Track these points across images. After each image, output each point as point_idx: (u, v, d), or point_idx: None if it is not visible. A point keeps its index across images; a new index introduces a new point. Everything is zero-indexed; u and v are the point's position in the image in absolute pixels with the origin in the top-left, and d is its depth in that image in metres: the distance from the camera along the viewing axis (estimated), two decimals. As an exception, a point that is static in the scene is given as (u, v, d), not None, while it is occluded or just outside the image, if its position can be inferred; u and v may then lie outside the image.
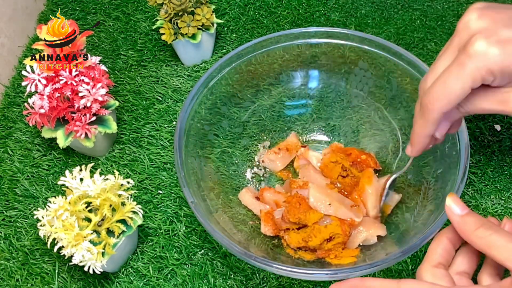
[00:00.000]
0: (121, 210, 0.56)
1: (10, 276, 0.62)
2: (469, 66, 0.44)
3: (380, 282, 0.44)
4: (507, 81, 0.45)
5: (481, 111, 0.47)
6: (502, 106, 0.45)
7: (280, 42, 0.67)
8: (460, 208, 0.44)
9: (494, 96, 0.46)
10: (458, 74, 0.44)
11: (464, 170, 0.53)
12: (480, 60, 0.43)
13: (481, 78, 0.44)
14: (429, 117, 0.47)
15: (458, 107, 0.48)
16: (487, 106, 0.46)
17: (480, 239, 0.42)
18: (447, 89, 0.45)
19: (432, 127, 0.48)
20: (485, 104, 0.46)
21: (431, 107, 0.46)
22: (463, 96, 0.45)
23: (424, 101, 0.47)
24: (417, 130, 0.50)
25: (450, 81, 0.45)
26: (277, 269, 0.49)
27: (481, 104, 0.46)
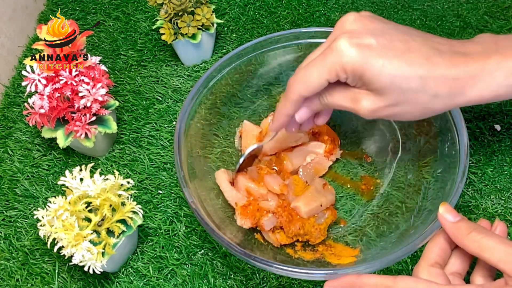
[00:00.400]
0: (121, 210, 0.56)
1: (10, 276, 0.62)
2: (328, 60, 0.48)
3: (376, 278, 0.45)
4: (360, 83, 0.48)
5: (337, 106, 0.51)
6: (352, 104, 0.50)
7: (280, 42, 0.67)
8: (453, 216, 0.46)
9: (348, 94, 0.50)
10: (318, 65, 0.49)
11: (464, 170, 0.53)
12: (337, 56, 0.47)
13: (335, 73, 0.48)
14: (288, 97, 0.52)
15: (320, 97, 0.52)
16: (341, 101, 0.51)
17: (472, 243, 0.43)
18: (307, 76, 0.50)
19: (290, 107, 0.53)
20: (340, 100, 0.51)
21: (291, 88, 0.51)
22: (319, 85, 0.49)
23: (288, 82, 0.52)
24: (278, 107, 0.55)
25: (311, 69, 0.49)
26: (277, 269, 0.49)
27: (337, 99, 0.51)
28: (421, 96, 0.47)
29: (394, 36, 0.48)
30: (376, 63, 0.46)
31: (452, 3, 0.86)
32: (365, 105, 0.49)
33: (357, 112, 0.50)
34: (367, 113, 0.49)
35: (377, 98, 0.48)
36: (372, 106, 0.48)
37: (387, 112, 0.49)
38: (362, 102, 0.49)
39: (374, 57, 0.46)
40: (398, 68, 0.46)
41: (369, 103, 0.49)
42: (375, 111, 0.49)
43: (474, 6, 0.85)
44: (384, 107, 0.48)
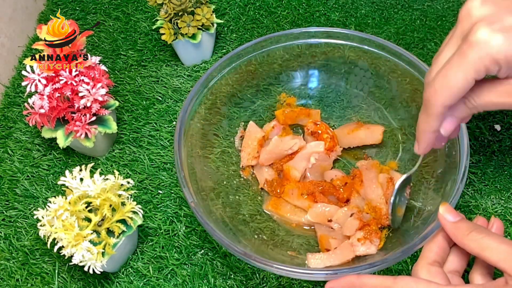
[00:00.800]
0: (121, 210, 0.56)
1: (10, 276, 0.62)
2: (471, 56, 0.41)
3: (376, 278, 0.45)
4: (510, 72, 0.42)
5: (490, 105, 0.44)
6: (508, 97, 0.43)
7: (280, 42, 0.67)
8: (453, 216, 0.46)
9: (502, 87, 0.43)
10: (459, 65, 0.42)
11: (464, 170, 0.53)
12: (482, 49, 0.41)
13: (484, 69, 0.41)
14: (430, 112, 0.45)
15: (465, 101, 0.45)
16: (495, 98, 0.43)
17: (473, 242, 0.43)
18: (449, 82, 0.43)
19: (434, 122, 0.46)
20: (493, 97, 0.43)
21: (432, 101, 0.44)
22: (465, 88, 0.43)
23: (425, 95, 0.45)
24: (420, 126, 0.48)
25: (451, 72, 0.42)
26: (277, 269, 0.49)
27: (488, 97, 0.44)
28: None
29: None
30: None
31: (452, 3, 0.86)
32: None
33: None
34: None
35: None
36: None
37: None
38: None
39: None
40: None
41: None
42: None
43: (474, 6, 0.85)
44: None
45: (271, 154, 0.65)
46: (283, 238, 0.61)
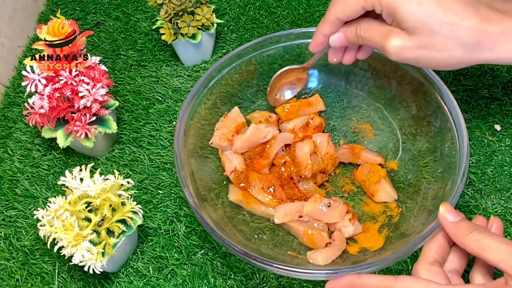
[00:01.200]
0: (121, 210, 0.56)
1: (10, 276, 0.62)
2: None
3: (376, 278, 0.45)
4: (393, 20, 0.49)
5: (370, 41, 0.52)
6: (382, 40, 0.50)
7: (280, 42, 0.67)
8: (453, 216, 0.46)
9: (381, 30, 0.51)
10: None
11: (464, 169, 0.53)
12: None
13: (371, 2, 0.50)
14: (326, 17, 0.55)
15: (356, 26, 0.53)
16: (373, 37, 0.52)
17: (473, 243, 0.43)
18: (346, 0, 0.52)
19: (326, 26, 0.55)
20: (373, 35, 0.52)
21: (330, 9, 0.54)
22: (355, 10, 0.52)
23: (330, 3, 0.54)
24: (317, 27, 0.57)
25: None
26: (277, 269, 0.49)
27: (371, 33, 0.52)
28: (450, 43, 0.48)
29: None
30: (412, 2, 0.47)
31: (452, 3, 0.86)
32: (394, 43, 0.49)
33: (384, 49, 0.50)
34: (394, 51, 0.49)
35: (407, 37, 0.48)
36: (400, 44, 0.49)
37: (414, 54, 0.49)
38: (391, 40, 0.49)
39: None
40: (433, 10, 0.47)
41: (398, 41, 0.49)
42: (402, 50, 0.49)
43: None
44: (412, 48, 0.48)
45: (247, 142, 0.64)
46: (283, 238, 0.61)
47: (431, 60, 0.49)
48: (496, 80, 0.74)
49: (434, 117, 0.60)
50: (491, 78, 0.74)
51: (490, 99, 0.72)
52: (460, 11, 0.47)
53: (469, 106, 0.72)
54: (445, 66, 0.50)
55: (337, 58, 0.60)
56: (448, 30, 0.47)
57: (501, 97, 0.72)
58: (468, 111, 0.71)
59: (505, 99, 0.71)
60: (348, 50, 0.60)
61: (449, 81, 0.74)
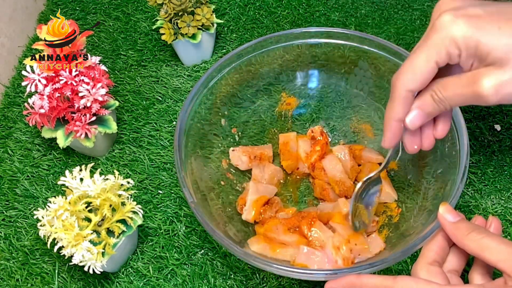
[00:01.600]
0: (121, 210, 0.56)
1: (10, 276, 0.62)
2: (433, 38, 0.43)
3: (376, 278, 0.45)
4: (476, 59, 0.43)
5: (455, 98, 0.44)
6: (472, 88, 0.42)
7: (280, 42, 0.67)
8: (453, 216, 0.46)
9: (464, 78, 0.43)
10: (422, 48, 0.44)
11: (464, 170, 0.53)
12: (444, 31, 0.42)
13: (445, 51, 0.42)
14: (394, 95, 0.46)
15: (431, 93, 0.45)
16: (458, 90, 0.44)
17: (472, 243, 0.43)
18: (412, 64, 0.44)
19: (399, 107, 0.46)
20: (457, 88, 0.44)
21: (396, 83, 0.45)
22: (428, 71, 0.44)
23: (392, 80, 0.46)
24: (386, 114, 0.48)
25: (414, 55, 0.44)
26: (277, 269, 0.49)
27: (453, 88, 0.44)
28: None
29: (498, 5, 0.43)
30: (492, 29, 0.41)
31: (452, 3, 0.86)
32: (487, 84, 0.41)
33: (481, 96, 0.42)
34: (492, 92, 0.41)
35: (499, 71, 0.41)
36: (495, 81, 0.41)
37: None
38: (483, 81, 0.41)
39: (487, 23, 0.41)
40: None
41: (492, 79, 0.41)
42: (500, 87, 0.41)
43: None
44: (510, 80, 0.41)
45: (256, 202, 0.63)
46: (283, 238, 0.61)
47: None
48: (496, 80, 0.74)
49: (434, 117, 0.60)
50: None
51: (490, 99, 0.72)
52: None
53: (469, 106, 0.72)
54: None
55: (417, 144, 0.50)
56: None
57: (501, 97, 0.72)
58: (468, 111, 0.71)
59: (505, 99, 0.71)
60: (424, 131, 0.50)
61: (449, 81, 0.74)
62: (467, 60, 0.43)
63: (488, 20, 0.41)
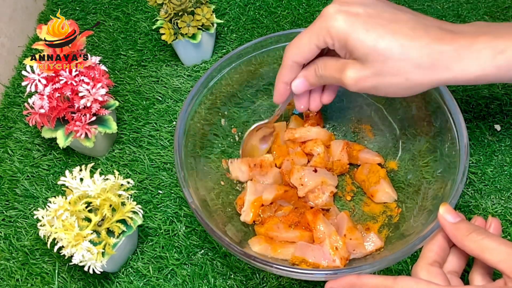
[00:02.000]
0: (121, 210, 0.56)
1: (10, 276, 0.62)
2: (317, 25, 0.50)
3: (376, 279, 0.45)
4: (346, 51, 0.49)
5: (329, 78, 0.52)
6: (339, 74, 0.50)
7: (280, 42, 0.67)
8: (453, 217, 0.46)
9: (337, 65, 0.51)
10: (308, 30, 0.51)
11: (464, 170, 0.53)
12: (325, 22, 0.49)
13: (322, 38, 0.49)
14: (283, 63, 0.54)
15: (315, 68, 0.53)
16: (332, 73, 0.51)
17: (472, 244, 0.43)
18: (298, 42, 0.52)
19: (285, 73, 0.55)
20: (331, 71, 0.51)
21: (285, 54, 0.54)
22: (309, 50, 0.51)
23: (285, 49, 0.54)
24: (277, 77, 0.56)
25: (302, 35, 0.52)
26: (277, 269, 0.49)
27: (329, 70, 0.52)
28: (403, 66, 0.47)
29: (384, 8, 0.49)
30: (360, 30, 0.47)
31: (452, 3, 0.86)
32: (350, 74, 0.49)
33: (343, 83, 0.50)
34: (351, 83, 0.49)
35: (361, 66, 0.48)
36: (356, 74, 0.49)
37: (371, 83, 0.49)
38: (347, 71, 0.49)
39: (359, 24, 0.47)
40: (382, 35, 0.47)
41: (353, 72, 0.49)
42: (358, 80, 0.49)
43: (474, 6, 0.85)
44: (368, 77, 0.48)
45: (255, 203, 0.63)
46: (283, 238, 0.61)
47: (390, 86, 0.49)
48: (496, 80, 0.74)
49: (434, 117, 0.60)
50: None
51: (490, 99, 0.72)
52: (409, 33, 0.47)
53: (469, 106, 0.72)
54: (405, 91, 0.49)
55: (304, 105, 0.59)
56: (399, 53, 0.46)
57: (501, 97, 0.72)
58: (468, 111, 0.71)
59: (505, 99, 0.71)
60: (313, 96, 0.59)
61: (449, 81, 0.74)
62: (340, 50, 0.50)
63: (363, 20, 0.47)
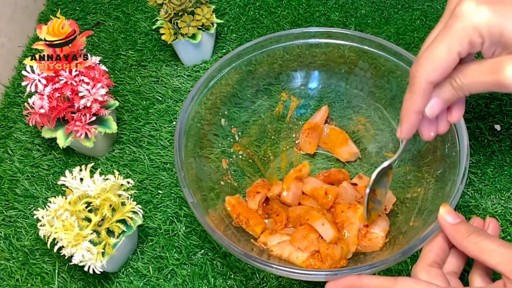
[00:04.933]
0: (121, 210, 0.56)
1: (10, 276, 0.62)
2: (455, 27, 0.41)
3: (376, 279, 0.45)
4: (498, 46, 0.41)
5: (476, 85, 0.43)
6: (494, 75, 0.41)
7: (280, 42, 0.67)
8: (453, 218, 0.46)
9: (486, 66, 0.42)
10: (443, 37, 0.42)
11: (464, 170, 0.53)
12: (466, 20, 0.40)
13: (468, 39, 0.41)
14: (415, 88, 0.44)
15: (451, 81, 0.44)
16: (479, 77, 0.42)
17: (472, 245, 0.43)
18: (433, 54, 0.42)
19: (418, 100, 0.45)
20: (478, 76, 0.42)
21: (417, 75, 0.43)
22: (450, 61, 0.42)
23: (411, 71, 0.44)
24: (404, 105, 0.46)
25: (435, 45, 0.42)
26: (277, 269, 0.49)
27: (474, 76, 0.42)
28: None
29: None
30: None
31: (452, 3, 0.86)
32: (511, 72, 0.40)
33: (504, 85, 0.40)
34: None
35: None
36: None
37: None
38: (506, 69, 0.40)
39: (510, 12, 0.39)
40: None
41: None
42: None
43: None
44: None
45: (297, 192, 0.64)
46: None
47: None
48: (496, 80, 0.74)
49: (434, 117, 0.60)
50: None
51: (490, 99, 0.72)
52: None
53: (469, 106, 0.72)
54: None
55: (434, 132, 0.50)
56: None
57: (501, 97, 0.72)
58: (468, 111, 0.71)
59: (505, 99, 0.71)
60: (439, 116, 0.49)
61: (449, 81, 0.74)
62: (490, 48, 0.41)
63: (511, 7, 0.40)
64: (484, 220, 0.48)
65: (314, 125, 0.69)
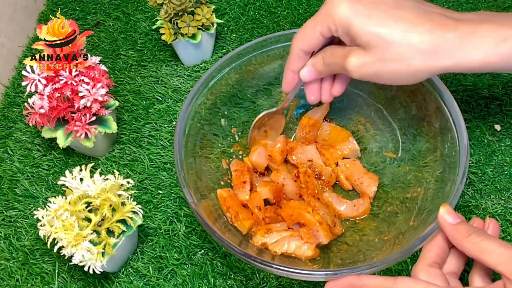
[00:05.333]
0: (121, 210, 0.56)
1: (10, 276, 0.62)
2: (321, 12, 0.50)
3: (376, 279, 0.45)
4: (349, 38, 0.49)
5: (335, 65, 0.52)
6: (343, 60, 0.50)
7: (280, 42, 0.67)
8: (453, 218, 0.46)
9: (342, 52, 0.51)
10: (313, 18, 0.51)
11: (464, 170, 0.53)
12: (329, 8, 0.49)
13: (326, 24, 0.50)
14: (291, 51, 0.55)
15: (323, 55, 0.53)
16: (337, 59, 0.51)
17: (472, 245, 0.43)
18: (304, 29, 0.53)
19: (293, 61, 0.55)
20: (337, 58, 0.51)
21: (293, 42, 0.54)
22: (314, 38, 0.52)
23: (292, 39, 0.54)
24: (285, 65, 0.57)
25: (307, 23, 0.52)
26: (277, 269, 0.49)
27: (335, 58, 0.52)
28: (405, 52, 0.47)
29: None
30: (363, 16, 0.47)
31: (452, 3, 0.86)
32: (352, 61, 0.49)
33: (346, 69, 0.50)
34: (354, 69, 0.49)
35: (364, 53, 0.48)
36: (358, 61, 0.49)
37: (373, 69, 0.49)
38: (350, 58, 0.49)
39: (362, 10, 0.48)
40: (384, 21, 0.47)
41: (356, 58, 0.49)
42: (361, 67, 0.49)
43: (474, 6, 0.85)
44: (370, 63, 0.48)
45: None
46: (283, 238, 0.61)
47: (392, 73, 0.48)
48: (496, 80, 0.74)
49: (434, 117, 0.60)
50: (491, 78, 0.74)
51: (490, 99, 0.72)
52: (412, 20, 0.47)
53: (469, 106, 0.72)
54: (407, 77, 0.49)
55: (314, 96, 0.59)
56: (401, 39, 0.46)
57: (501, 97, 0.72)
58: (468, 111, 0.71)
59: (505, 99, 0.71)
60: (323, 87, 0.59)
61: (449, 81, 0.74)
62: (344, 36, 0.50)
63: (366, 6, 0.48)
64: (484, 220, 0.48)
65: (315, 122, 0.68)
